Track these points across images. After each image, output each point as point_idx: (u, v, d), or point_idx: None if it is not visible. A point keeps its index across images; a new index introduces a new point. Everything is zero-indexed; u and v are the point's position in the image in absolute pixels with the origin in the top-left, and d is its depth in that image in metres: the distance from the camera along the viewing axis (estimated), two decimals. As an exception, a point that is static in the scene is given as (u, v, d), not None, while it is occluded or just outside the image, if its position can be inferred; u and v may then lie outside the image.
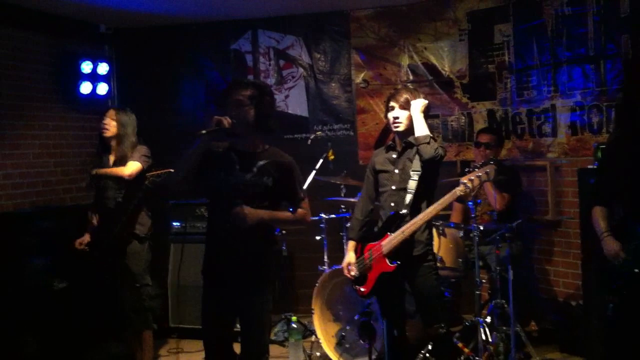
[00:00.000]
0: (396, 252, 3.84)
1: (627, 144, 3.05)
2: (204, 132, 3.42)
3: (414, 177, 3.84)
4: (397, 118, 3.91)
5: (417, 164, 3.86)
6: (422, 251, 3.91)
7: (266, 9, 6.45)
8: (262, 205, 3.46)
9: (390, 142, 4.08)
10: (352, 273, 4.04)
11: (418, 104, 3.86)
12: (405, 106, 3.90)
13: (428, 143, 3.75)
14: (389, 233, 3.87)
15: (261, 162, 3.50)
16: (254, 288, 3.52)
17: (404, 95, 3.92)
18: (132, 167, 4.74)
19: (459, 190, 3.72)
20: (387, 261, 3.85)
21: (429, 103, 3.94)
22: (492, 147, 5.29)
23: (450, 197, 3.76)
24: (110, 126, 4.84)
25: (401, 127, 3.92)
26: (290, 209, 3.58)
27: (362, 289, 4.04)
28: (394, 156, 4.01)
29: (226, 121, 3.40)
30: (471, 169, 3.81)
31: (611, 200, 3.19)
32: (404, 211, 3.83)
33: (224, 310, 3.57)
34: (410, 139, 3.93)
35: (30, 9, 5.79)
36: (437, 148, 3.75)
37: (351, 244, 4.14)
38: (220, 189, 3.51)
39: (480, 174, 3.67)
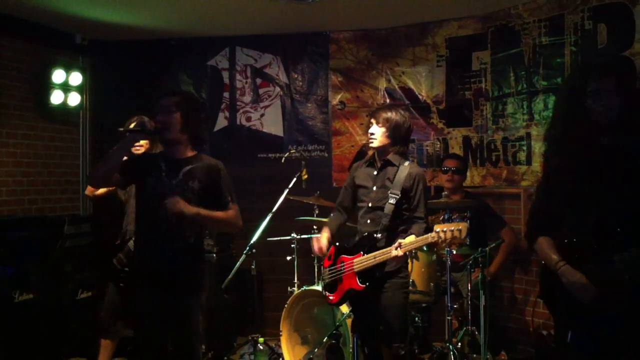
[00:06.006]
0: (367, 273, 3.78)
1: (570, 164, 2.85)
2: (121, 129, 3.59)
3: (391, 200, 3.80)
4: (372, 134, 3.94)
5: (396, 185, 3.81)
6: (395, 268, 3.84)
7: (245, 27, 6.41)
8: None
9: (371, 158, 4.06)
10: (324, 251, 3.99)
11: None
12: (382, 124, 3.91)
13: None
14: (362, 252, 3.80)
15: (187, 168, 3.56)
16: (183, 295, 3.55)
17: (382, 114, 3.95)
18: None
19: (431, 237, 3.57)
20: (358, 281, 3.78)
21: (410, 126, 3.99)
22: (460, 172, 5.46)
23: (422, 241, 3.64)
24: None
25: (375, 143, 3.94)
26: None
27: (331, 297, 4.00)
28: (374, 173, 3.98)
29: (149, 123, 3.53)
30: (445, 218, 3.71)
31: (555, 226, 2.95)
32: (378, 235, 3.78)
33: (157, 308, 3.54)
34: (390, 157, 3.91)
35: (6, 14, 5.66)
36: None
37: (326, 230, 4.09)
38: (148, 196, 3.57)
39: (453, 228, 3.50)
